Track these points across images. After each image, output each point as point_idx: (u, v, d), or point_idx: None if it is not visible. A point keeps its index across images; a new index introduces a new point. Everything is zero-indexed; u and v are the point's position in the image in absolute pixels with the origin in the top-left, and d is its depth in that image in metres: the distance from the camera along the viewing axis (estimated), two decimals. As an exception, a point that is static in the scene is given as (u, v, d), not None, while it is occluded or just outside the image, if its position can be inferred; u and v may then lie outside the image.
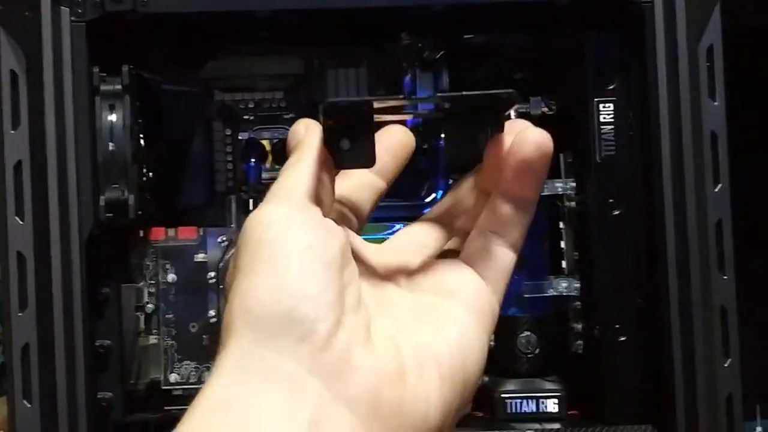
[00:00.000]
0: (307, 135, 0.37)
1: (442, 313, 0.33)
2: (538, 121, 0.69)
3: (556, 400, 0.68)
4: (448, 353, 0.32)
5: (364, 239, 0.40)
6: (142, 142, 0.67)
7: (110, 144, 0.64)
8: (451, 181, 0.70)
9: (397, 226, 0.69)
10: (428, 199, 0.70)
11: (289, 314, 0.30)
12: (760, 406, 0.78)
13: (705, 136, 0.61)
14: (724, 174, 0.62)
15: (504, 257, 0.35)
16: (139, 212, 0.64)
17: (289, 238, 0.31)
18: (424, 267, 0.36)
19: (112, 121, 0.64)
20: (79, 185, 0.62)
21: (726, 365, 0.61)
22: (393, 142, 0.40)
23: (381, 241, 0.39)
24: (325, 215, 0.33)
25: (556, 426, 0.66)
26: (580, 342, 0.69)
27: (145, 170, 0.67)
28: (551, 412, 0.68)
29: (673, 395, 0.61)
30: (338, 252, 0.32)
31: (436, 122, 0.72)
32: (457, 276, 0.35)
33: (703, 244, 0.61)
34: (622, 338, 0.66)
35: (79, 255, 0.61)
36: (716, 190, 0.61)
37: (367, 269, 0.35)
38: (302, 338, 0.29)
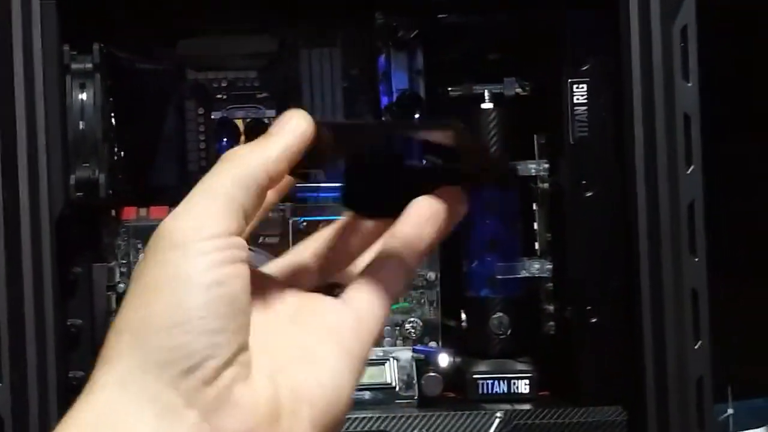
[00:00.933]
0: (284, 131, 0.34)
1: (319, 355, 0.33)
2: (512, 102, 0.70)
3: (527, 381, 0.68)
4: (322, 396, 0.32)
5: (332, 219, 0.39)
6: (113, 121, 0.67)
7: (81, 123, 0.63)
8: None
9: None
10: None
11: (182, 349, 0.29)
12: (732, 388, 0.78)
13: (678, 118, 0.61)
14: (697, 156, 0.61)
15: (379, 304, 0.34)
16: (110, 191, 0.64)
17: (196, 268, 0.30)
18: (309, 301, 0.35)
19: (82, 99, 0.64)
20: (49, 164, 0.61)
21: (696, 347, 0.61)
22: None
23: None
24: (242, 234, 0.32)
25: (527, 407, 0.66)
26: (552, 323, 0.69)
27: (116, 149, 0.67)
28: (523, 393, 0.68)
29: (643, 377, 0.62)
30: (242, 290, 0.31)
31: (411, 103, 0.71)
32: (336, 315, 0.34)
33: (675, 226, 0.61)
34: (594, 320, 0.66)
35: (50, 234, 0.61)
36: (689, 171, 0.61)
37: (260, 300, 0.34)
38: (189, 371, 0.29)
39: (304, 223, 0.69)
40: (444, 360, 0.68)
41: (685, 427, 0.61)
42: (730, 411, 0.77)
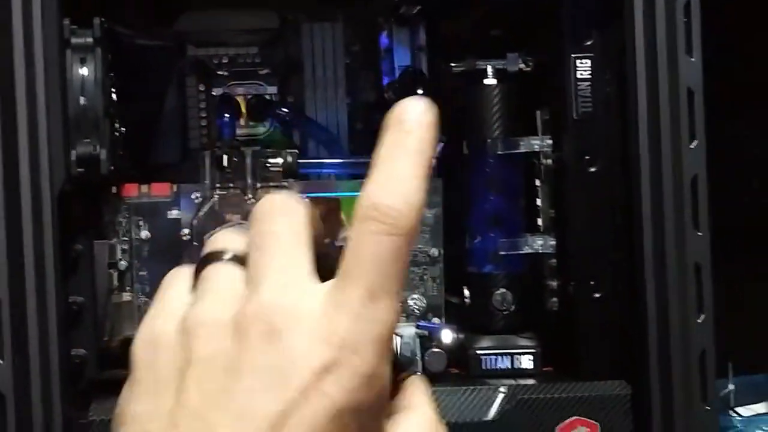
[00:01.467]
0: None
1: None
2: (515, 78, 0.70)
3: (531, 357, 0.68)
4: None
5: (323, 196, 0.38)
6: (114, 96, 0.66)
7: (81, 98, 0.63)
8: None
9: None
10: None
11: None
12: (733, 364, 0.78)
13: (681, 93, 0.61)
14: (700, 130, 0.61)
15: None
16: (112, 168, 0.63)
17: None
18: None
19: (83, 74, 0.63)
20: (49, 140, 0.60)
21: (699, 321, 0.62)
22: None
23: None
24: None
25: (531, 382, 0.66)
26: (555, 299, 0.69)
27: (117, 125, 0.66)
28: (526, 369, 0.68)
29: (646, 351, 0.62)
30: None
31: (413, 79, 0.71)
32: None
33: (678, 201, 0.61)
34: (597, 295, 0.66)
35: (51, 211, 0.60)
36: (692, 146, 0.61)
37: None
38: None
39: (307, 199, 0.69)
40: (447, 336, 0.68)
41: (688, 401, 0.61)
42: (731, 386, 0.78)
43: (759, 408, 0.81)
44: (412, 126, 0.29)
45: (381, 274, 0.27)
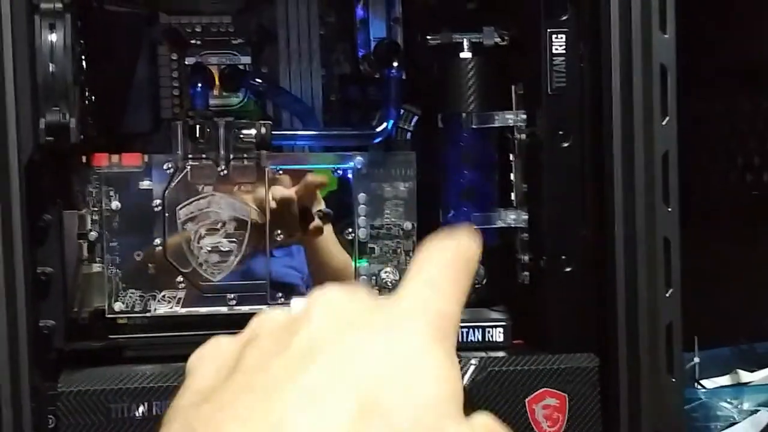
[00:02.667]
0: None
1: None
2: (491, 52, 0.70)
3: (501, 330, 0.69)
4: None
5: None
6: (84, 64, 0.65)
7: (51, 65, 0.61)
8: (402, 111, 0.70)
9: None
10: (379, 128, 0.70)
11: None
12: (698, 338, 0.80)
13: (655, 69, 0.62)
14: (672, 107, 0.62)
15: None
16: (82, 137, 0.62)
17: None
18: None
19: (52, 41, 0.62)
20: (18, 108, 0.59)
21: (667, 295, 0.62)
22: None
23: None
24: None
25: (502, 354, 0.66)
26: (526, 273, 0.70)
27: (87, 94, 0.65)
28: (497, 341, 0.69)
29: (615, 324, 0.63)
30: None
31: (389, 52, 0.71)
32: None
33: (649, 176, 0.62)
34: (568, 269, 0.67)
35: (19, 180, 0.59)
36: (664, 123, 0.62)
37: None
38: None
39: (281, 172, 0.69)
40: (419, 309, 0.68)
41: (654, 373, 0.62)
42: (696, 359, 0.79)
43: (723, 381, 0.82)
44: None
45: None
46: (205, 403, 0.27)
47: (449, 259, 0.30)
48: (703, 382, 0.81)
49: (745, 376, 0.82)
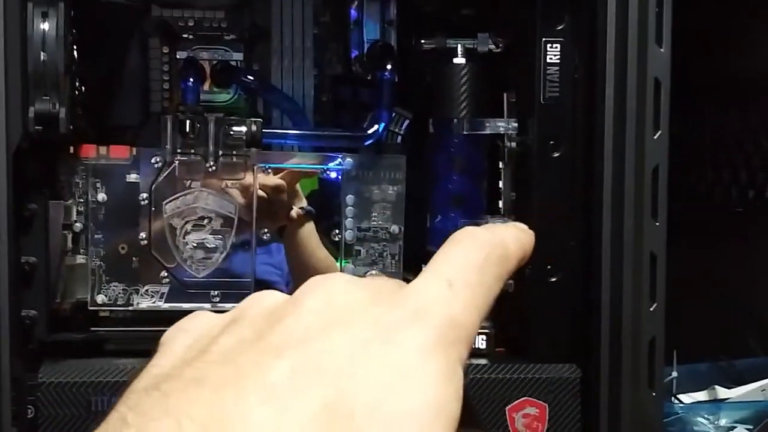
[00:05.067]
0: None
1: None
2: (484, 59, 0.70)
3: (484, 337, 0.69)
4: None
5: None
6: (75, 54, 0.64)
7: (42, 54, 0.61)
8: (394, 114, 0.70)
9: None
10: (370, 131, 0.69)
11: None
12: (678, 351, 0.80)
13: (648, 82, 0.62)
14: (665, 121, 0.62)
15: None
16: (71, 127, 0.62)
17: None
18: None
19: (44, 29, 0.61)
20: (7, 96, 0.59)
21: (651, 309, 0.63)
22: None
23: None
24: None
25: (483, 362, 0.66)
26: (510, 281, 0.70)
27: (78, 84, 0.65)
28: (479, 348, 0.69)
29: (598, 336, 0.63)
30: None
31: (382, 54, 0.71)
32: None
33: (638, 190, 0.62)
34: (553, 279, 0.67)
35: (6, 168, 0.59)
36: (656, 136, 0.62)
37: None
38: None
39: (269, 170, 0.68)
40: (403, 313, 0.68)
41: (635, 386, 0.63)
42: (674, 374, 0.80)
43: (700, 396, 0.83)
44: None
45: None
46: (155, 391, 0.25)
47: (479, 258, 0.27)
48: (680, 396, 0.82)
49: (722, 392, 0.82)
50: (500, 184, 0.70)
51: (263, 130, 0.67)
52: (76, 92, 0.65)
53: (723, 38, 0.93)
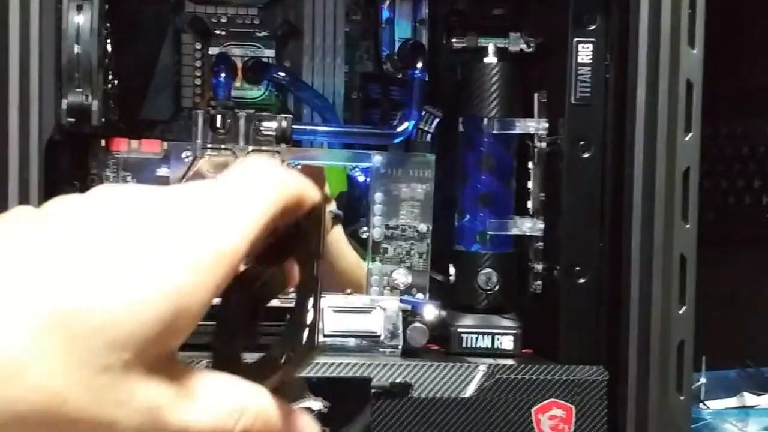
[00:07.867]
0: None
1: None
2: (515, 58, 0.70)
3: (511, 338, 0.68)
4: None
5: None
6: (109, 47, 0.65)
7: (76, 46, 0.62)
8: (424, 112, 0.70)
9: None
10: (400, 128, 0.69)
11: None
12: (706, 358, 0.79)
13: (681, 84, 0.61)
14: (696, 123, 0.62)
15: None
16: (103, 119, 0.62)
17: None
18: None
19: (79, 22, 0.62)
20: (41, 87, 0.59)
21: (681, 312, 0.62)
22: None
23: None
24: None
25: (510, 362, 0.66)
26: (539, 282, 0.70)
27: (110, 77, 0.65)
28: (506, 349, 0.68)
29: (626, 339, 0.62)
30: None
31: (413, 52, 0.71)
32: None
33: (669, 192, 0.62)
34: (581, 280, 0.66)
35: (38, 159, 0.59)
36: (687, 138, 0.62)
37: None
38: None
39: (299, 166, 0.69)
40: (430, 312, 0.68)
41: (663, 389, 0.62)
42: (702, 380, 0.79)
43: (728, 402, 0.82)
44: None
45: None
46: None
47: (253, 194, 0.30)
48: (708, 402, 0.81)
49: (750, 399, 0.81)
50: (529, 184, 0.70)
51: (293, 127, 0.67)
52: (109, 85, 0.65)
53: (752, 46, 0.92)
